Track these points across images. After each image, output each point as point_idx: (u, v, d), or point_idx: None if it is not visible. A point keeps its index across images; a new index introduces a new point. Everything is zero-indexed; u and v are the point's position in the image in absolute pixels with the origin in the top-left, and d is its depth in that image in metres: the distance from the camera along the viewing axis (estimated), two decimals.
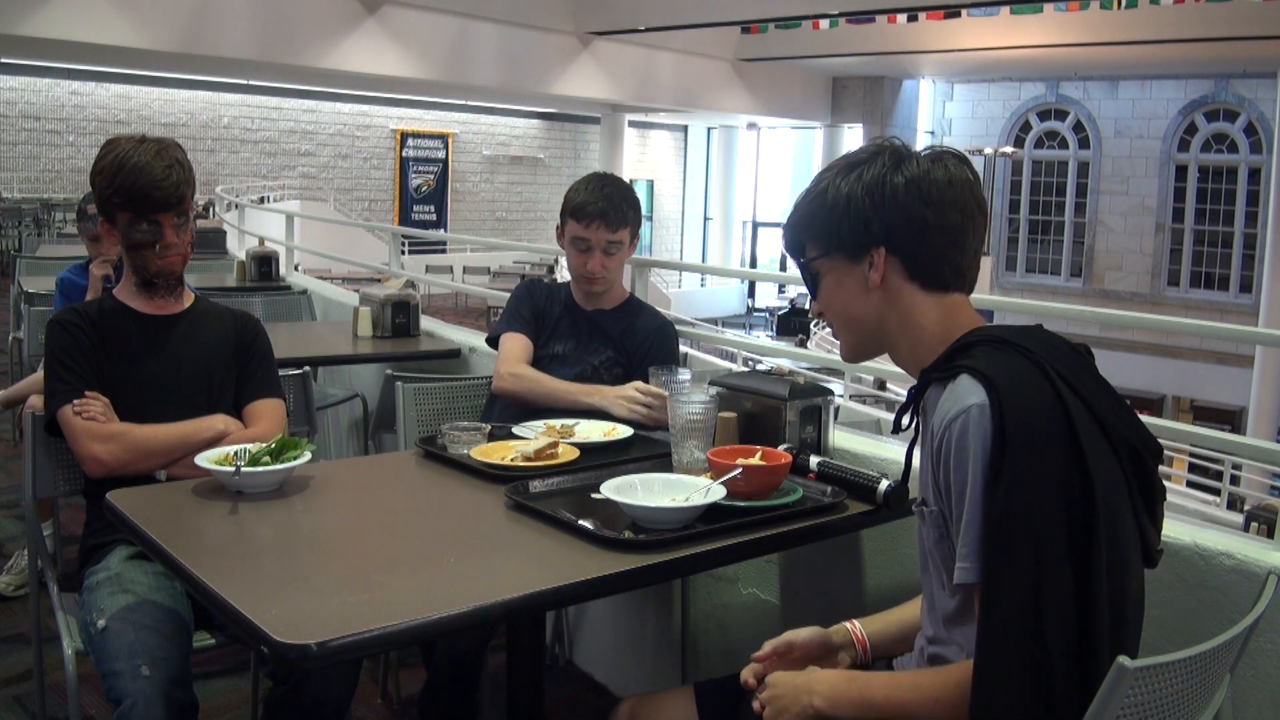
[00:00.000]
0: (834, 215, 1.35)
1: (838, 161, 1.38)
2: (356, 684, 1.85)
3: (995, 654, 1.15)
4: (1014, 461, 1.15)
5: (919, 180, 1.31)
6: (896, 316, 1.35)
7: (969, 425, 1.19)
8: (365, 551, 1.51)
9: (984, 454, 1.17)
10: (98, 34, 11.37)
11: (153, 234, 2.01)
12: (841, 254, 1.36)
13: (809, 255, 1.40)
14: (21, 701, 2.58)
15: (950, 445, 1.21)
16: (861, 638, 1.49)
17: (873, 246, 1.33)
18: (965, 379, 1.22)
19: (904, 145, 1.36)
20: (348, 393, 3.94)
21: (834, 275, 1.38)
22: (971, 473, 1.18)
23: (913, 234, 1.32)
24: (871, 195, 1.32)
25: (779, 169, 26.84)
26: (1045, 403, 1.19)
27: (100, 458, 1.91)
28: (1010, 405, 1.17)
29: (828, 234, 1.36)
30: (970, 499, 1.19)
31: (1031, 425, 1.17)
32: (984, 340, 1.28)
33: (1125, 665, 1.04)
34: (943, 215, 1.32)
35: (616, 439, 2.02)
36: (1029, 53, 16.94)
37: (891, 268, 1.34)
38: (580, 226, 2.38)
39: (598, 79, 16.68)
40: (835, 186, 1.35)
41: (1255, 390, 15.14)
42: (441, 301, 16.34)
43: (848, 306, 1.38)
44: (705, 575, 2.37)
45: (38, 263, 6.09)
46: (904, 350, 1.37)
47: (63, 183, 16.95)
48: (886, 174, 1.32)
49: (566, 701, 2.70)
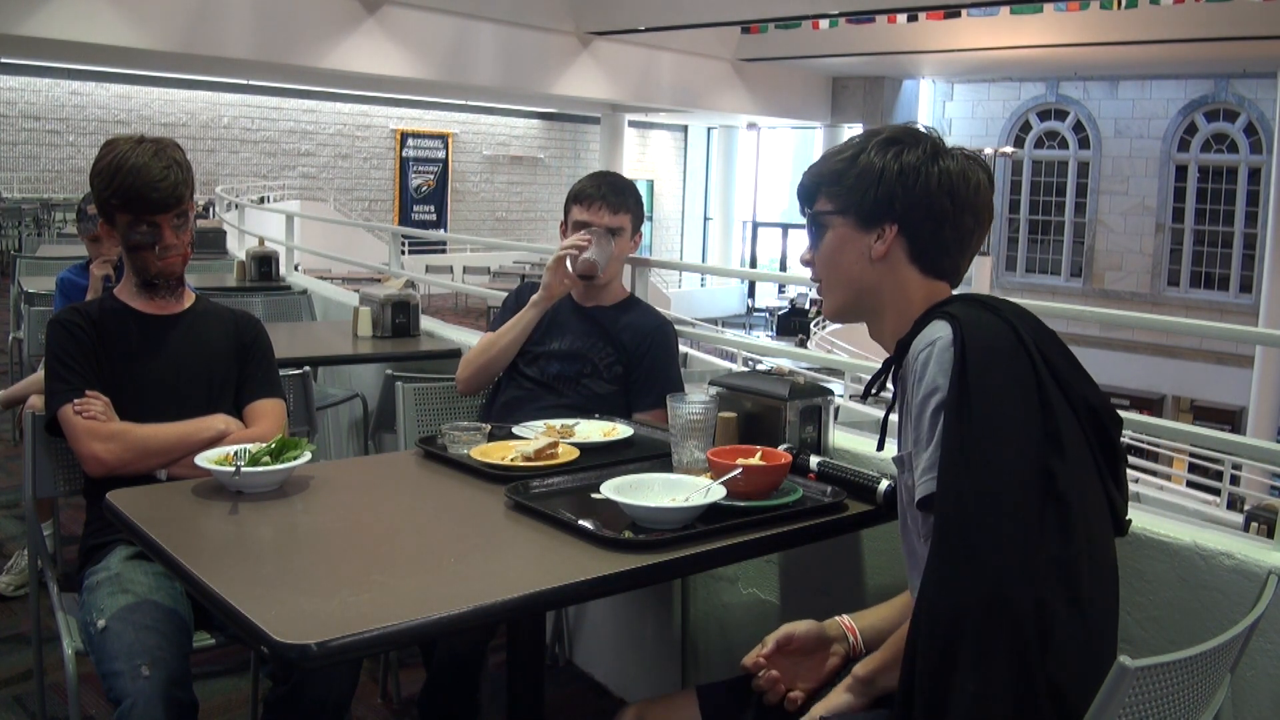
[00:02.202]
0: (861, 181, 1.39)
1: (878, 133, 1.41)
2: (356, 684, 1.85)
3: (946, 542, 1.17)
4: (976, 380, 1.21)
5: (952, 177, 1.36)
6: (889, 290, 1.41)
7: (933, 355, 1.26)
8: (365, 551, 1.51)
9: (943, 373, 1.24)
10: (98, 34, 11.37)
11: (152, 235, 2.01)
12: (854, 218, 1.40)
13: (821, 207, 1.43)
14: (21, 701, 2.58)
15: (916, 371, 1.28)
16: (852, 628, 1.52)
17: (887, 222, 1.38)
18: (935, 322, 1.30)
19: (942, 139, 1.40)
20: (348, 393, 3.94)
21: (839, 234, 1.42)
22: (928, 394, 1.25)
23: (929, 223, 1.37)
24: (904, 176, 1.36)
25: (779, 169, 26.83)
26: (1008, 344, 1.26)
27: (101, 457, 1.91)
28: (972, 336, 1.25)
29: (848, 196, 1.40)
30: (929, 419, 1.24)
31: (993, 352, 1.24)
32: (959, 299, 1.36)
33: (1125, 665, 1.04)
34: (960, 215, 1.37)
35: (616, 439, 2.02)
36: (1029, 53, 16.94)
37: (898, 246, 1.39)
38: (582, 209, 2.44)
39: (598, 79, 16.68)
40: (870, 156, 1.39)
41: (1255, 390, 15.14)
42: (441, 301, 16.35)
43: (844, 268, 1.42)
44: (705, 575, 2.37)
45: (38, 263, 6.09)
46: (889, 322, 1.42)
47: (63, 183, 16.95)
48: (924, 162, 1.37)
49: (566, 701, 2.70)
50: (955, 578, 1.16)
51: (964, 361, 1.23)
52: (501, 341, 2.41)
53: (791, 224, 26.36)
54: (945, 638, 1.15)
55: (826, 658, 1.51)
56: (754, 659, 1.49)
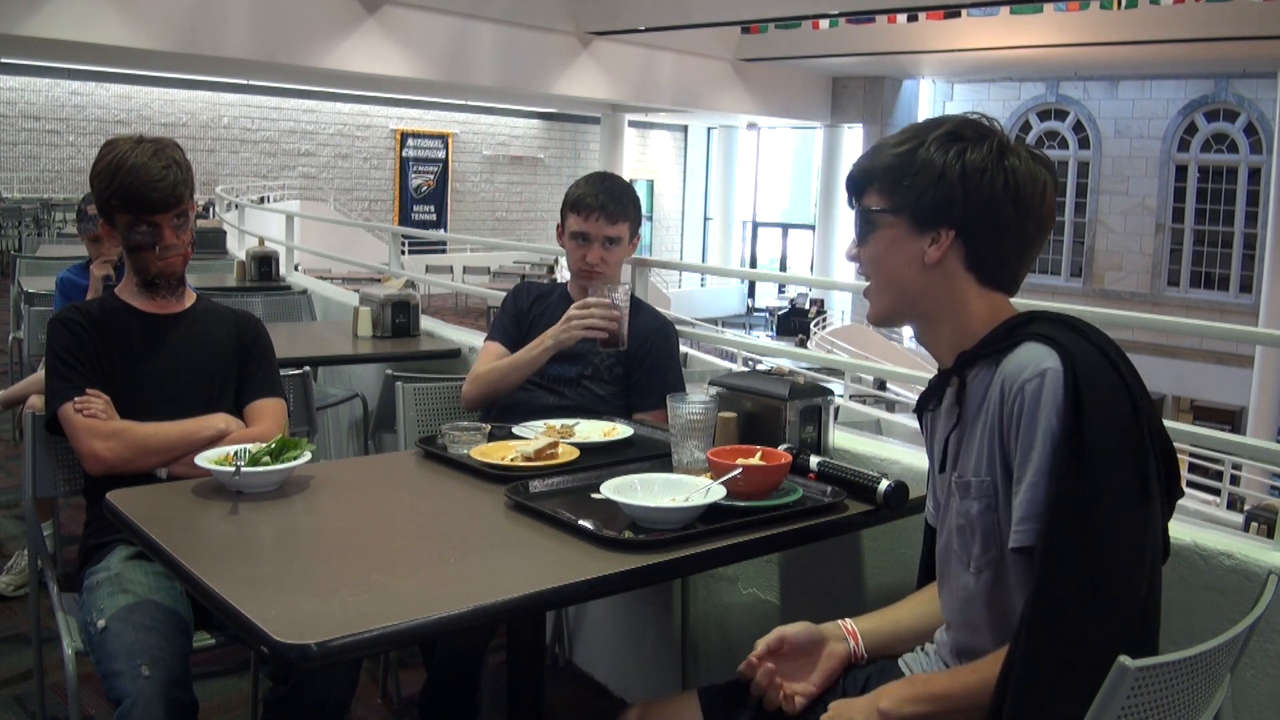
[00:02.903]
0: (919, 180, 1.28)
1: (940, 125, 1.30)
2: (356, 684, 1.85)
3: (1049, 610, 1.13)
4: (1090, 427, 1.14)
5: (1018, 180, 1.26)
6: (943, 298, 1.31)
7: (1044, 386, 1.17)
8: (365, 551, 1.51)
9: (1058, 417, 1.16)
10: (98, 34, 11.38)
11: (152, 235, 2.01)
12: (908, 219, 1.29)
13: (872, 204, 1.33)
14: (21, 701, 2.58)
15: (1022, 406, 1.19)
16: (854, 631, 1.48)
17: (944, 226, 1.28)
18: (1035, 345, 1.21)
19: (1007, 135, 1.30)
20: (348, 393, 3.94)
21: (890, 235, 1.31)
22: (1043, 434, 1.17)
23: (990, 231, 1.27)
24: (966, 179, 1.26)
25: (779, 169, 26.84)
26: (1111, 379, 1.19)
27: (101, 455, 1.91)
28: (1084, 373, 1.16)
29: (903, 194, 1.29)
30: (1038, 460, 1.17)
31: (1104, 396, 1.16)
32: (1040, 317, 1.26)
33: (1125, 665, 1.04)
34: (1024, 223, 1.27)
35: (616, 439, 2.02)
36: (1029, 53, 16.95)
37: (954, 252, 1.29)
38: (579, 219, 2.38)
39: (598, 79, 16.69)
40: (930, 151, 1.27)
41: (1255, 390, 15.15)
42: (441, 301, 16.35)
43: (895, 271, 1.32)
44: (705, 575, 2.37)
45: (38, 263, 6.09)
46: (945, 332, 1.32)
47: (63, 183, 16.96)
48: (989, 163, 1.26)
49: (566, 701, 2.70)
50: (1062, 640, 1.13)
51: (1078, 404, 1.15)
52: (513, 377, 2.33)
53: (791, 224, 26.38)
54: (1047, 694, 1.13)
55: (824, 658, 1.47)
56: (748, 664, 1.45)
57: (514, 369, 2.32)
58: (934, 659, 1.42)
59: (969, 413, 1.30)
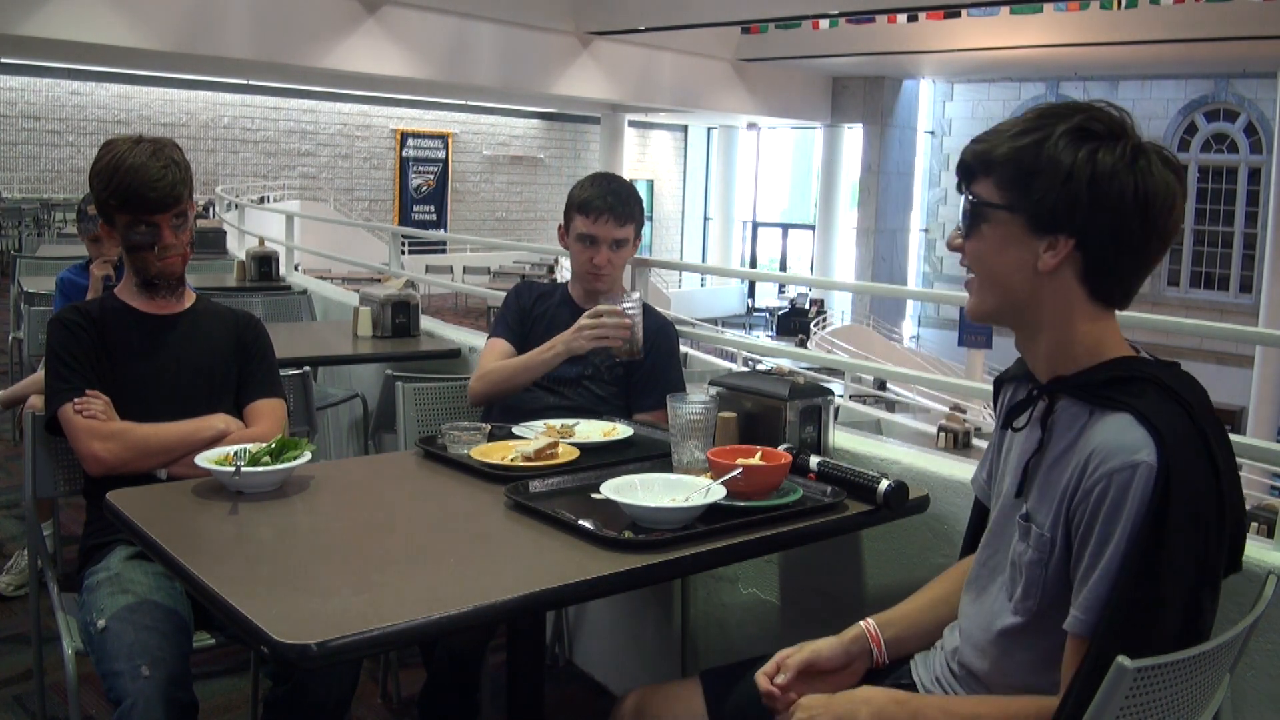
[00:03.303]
0: (1042, 178, 1.16)
1: (1066, 114, 1.17)
2: (356, 684, 1.85)
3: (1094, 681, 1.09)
4: (1172, 539, 1.09)
5: (1150, 189, 1.14)
6: (1050, 308, 1.21)
7: (1133, 483, 1.10)
8: (365, 551, 1.51)
9: (1141, 517, 1.09)
10: (98, 34, 11.39)
11: (151, 235, 2.01)
12: (1025, 219, 1.18)
13: (985, 194, 1.21)
14: (21, 701, 2.58)
15: (1106, 495, 1.12)
16: (876, 635, 1.43)
17: (1063, 233, 1.17)
18: (1133, 424, 1.13)
19: (1138, 132, 1.18)
20: (348, 393, 3.94)
21: (1002, 232, 1.20)
22: (1121, 530, 1.11)
23: (1112, 243, 1.16)
24: (1095, 184, 1.14)
25: (779, 169, 26.86)
26: (1206, 483, 1.12)
27: (101, 456, 1.91)
28: (1178, 471, 1.09)
29: (1023, 192, 1.17)
30: (1110, 557, 1.11)
31: (1194, 506, 1.10)
32: (1148, 379, 1.17)
33: (1125, 665, 1.04)
34: (1148, 239, 1.16)
35: (616, 439, 2.02)
36: (1029, 53, 16.96)
37: (1069, 262, 1.18)
38: (588, 221, 2.36)
39: (598, 79, 16.70)
40: (1058, 147, 1.15)
41: (1255, 390, 15.16)
42: (441, 301, 16.35)
43: (1003, 272, 1.21)
44: (705, 575, 2.37)
45: (38, 263, 6.09)
46: (1044, 345, 1.23)
47: (63, 183, 16.97)
48: (1120, 167, 1.14)
49: (566, 701, 2.70)
50: None
51: (1164, 509, 1.09)
52: (522, 379, 2.32)
53: (791, 224, 26.39)
54: None
55: (847, 673, 1.41)
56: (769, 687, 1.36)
57: (524, 370, 2.31)
58: (941, 664, 1.40)
59: (1052, 446, 1.23)
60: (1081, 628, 1.14)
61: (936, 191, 23.24)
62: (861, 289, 22.47)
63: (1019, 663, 1.26)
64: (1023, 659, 1.25)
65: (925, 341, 22.58)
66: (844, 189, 23.19)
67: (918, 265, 23.69)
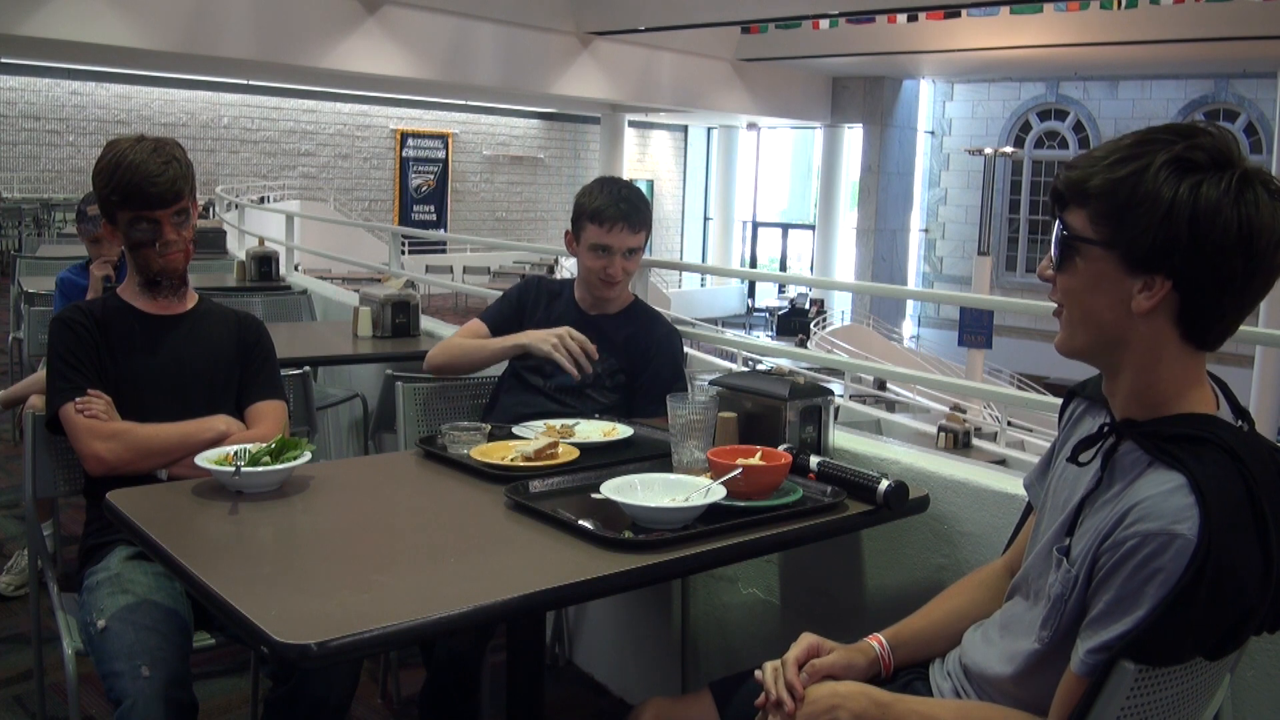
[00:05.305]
0: (1139, 214, 1.09)
1: (1167, 142, 1.09)
2: (357, 684, 1.85)
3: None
4: (1197, 615, 1.05)
5: (1255, 227, 1.06)
6: (1141, 350, 1.14)
7: (1166, 554, 1.04)
8: (365, 551, 1.51)
9: (1166, 590, 1.04)
10: (98, 34, 11.39)
11: (152, 232, 2.01)
12: (1119, 256, 1.11)
13: (1079, 227, 1.14)
14: (21, 701, 2.58)
15: (1136, 554, 1.07)
16: (887, 654, 1.41)
17: (1160, 273, 1.09)
18: (1184, 490, 1.06)
19: (1244, 158, 1.10)
20: (348, 393, 3.94)
21: (1096, 269, 1.13)
22: (1144, 598, 1.06)
23: (1212, 285, 1.09)
24: (1196, 222, 1.06)
25: (779, 169, 26.87)
26: (1248, 563, 1.06)
27: (102, 456, 1.91)
28: (1216, 557, 1.03)
29: (1120, 228, 1.10)
30: (1130, 618, 1.07)
31: (1228, 586, 1.05)
32: (1216, 442, 1.10)
33: (1125, 666, 1.04)
34: (1251, 279, 1.09)
35: (616, 439, 2.02)
36: (1029, 53, 16.97)
37: (1165, 305, 1.11)
38: (601, 231, 2.32)
39: (598, 79, 16.70)
40: (1158, 179, 1.08)
41: (1255, 390, 15.14)
42: (441, 301, 16.35)
43: (1095, 311, 1.15)
44: (705, 575, 2.37)
45: (38, 263, 6.09)
46: (1125, 384, 1.17)
47: (63, 183, 16.97)
48: (1224, 202, 1.06)
49: (566, 701, 2.70)
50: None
51: (1195, 587, 1.03)
52: (476, 359, 2.38)
53: (791, 224, 26.41)
54: None
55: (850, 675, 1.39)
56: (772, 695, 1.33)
57: (480, 351, 2.37)
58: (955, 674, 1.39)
59: (1108, 487, 1.18)
60: (1084, 669, 1.11)
61: (936, 191, 23.26)
62: (861, 289, 22.47)
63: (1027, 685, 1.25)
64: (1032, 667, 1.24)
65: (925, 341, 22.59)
66: (844, 189, 23.20)
67: (918, 265, 23.71)
